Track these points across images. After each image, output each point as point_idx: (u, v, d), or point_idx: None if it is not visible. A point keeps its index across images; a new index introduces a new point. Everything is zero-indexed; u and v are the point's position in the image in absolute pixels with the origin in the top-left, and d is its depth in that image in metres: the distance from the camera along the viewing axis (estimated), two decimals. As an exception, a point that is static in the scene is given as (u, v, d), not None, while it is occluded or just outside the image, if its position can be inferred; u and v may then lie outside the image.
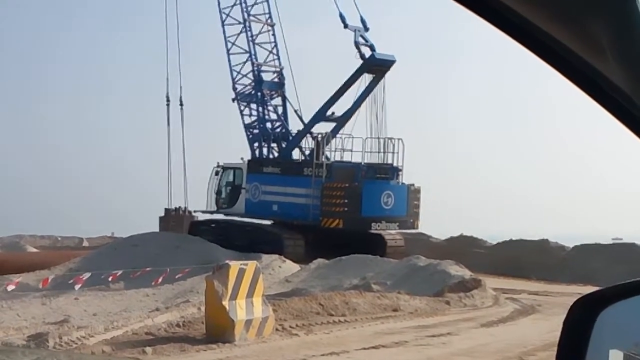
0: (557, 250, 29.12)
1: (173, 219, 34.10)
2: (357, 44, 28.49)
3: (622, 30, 1.16)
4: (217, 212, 31.62)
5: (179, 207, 34.78)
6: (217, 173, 31.61)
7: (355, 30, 28.50)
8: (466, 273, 20.60)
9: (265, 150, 31.05)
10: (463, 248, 29.36)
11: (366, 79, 28.79)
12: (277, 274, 23.20)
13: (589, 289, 1.95)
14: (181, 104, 33.91)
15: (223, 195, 31.49)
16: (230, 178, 31.48)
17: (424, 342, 13.43)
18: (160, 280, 21.32)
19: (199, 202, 32.31)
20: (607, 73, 1.23)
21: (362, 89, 28.82)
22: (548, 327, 14.52)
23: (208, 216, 32.01)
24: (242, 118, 31.16)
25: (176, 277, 21.85)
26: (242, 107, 31.05)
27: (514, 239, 30.50)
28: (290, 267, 24.18)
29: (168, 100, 33.80)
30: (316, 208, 27.74)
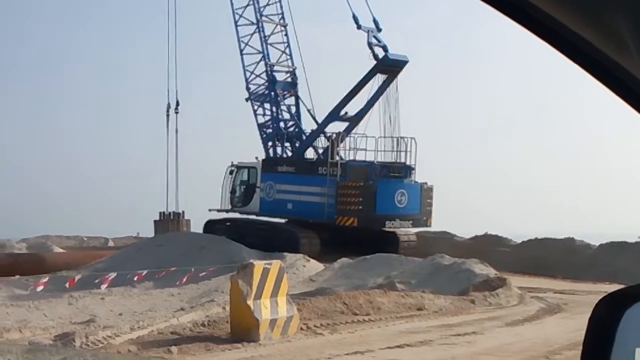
0: (583, 249, 28.88)
1: (164, 223, 34.74)
2: (370, 45, 28.72)
3: None
4: (231, 210, 31.93)
5: (173, 211, 35.42)
6: (231, 172, 31.95)
7: (368, 31, 28.74)
8: (491, 272, 20.52)
9: (279, 150, 31.32)
10: (488, 247, 29.22)
11: (379, 79, 28.94)
12: (301, 274, 23.24)
13: (616, 288, 1.93)
14: (177, 111, 34.63)
15: (237, 194, 31.81)
16: (245, 177, 31.82)
17: (449, 341, 13.39)
18: (185, 279, 21.43)
19: (213, 201, 32.60)
20: (630, 68, 1.22)
21: (376, 89, 29.01)
22: (574, 326, 14.41)
23: (223, 214, 32.26)
24: (256, 118, 31.50)
25: (201, 276, 21.95)
26: (256, 107, 31.38)
27: (539, 237, 30.28)
28: (314, 266, 24.22)
29: (169, 109, 34.69)
30: (331, 206, 27.98)
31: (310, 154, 30.95)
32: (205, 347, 12.02)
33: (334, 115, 29.79)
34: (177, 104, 34.72)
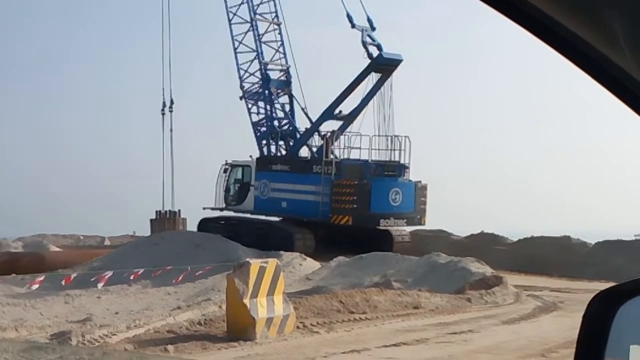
0: (579, 247, 28.91)
1: (161, 221, 34.82)
2: (364, 44, 28.81)
3: (637, 22, 1.16)
4: (225, 209, 32.00)
5: (170, 210, 35.47)
6: (225, 171, 32.01)
7: (362, 30, 28.82)
8: (487, 270, 20.54)
9: (273, 148, 31.41)
10: (484, 245, 29.24)
11: (374, 77, 29.02)
12: (298, 272, 23.24)
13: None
14: (171, 110, 34.72)
15: (232, 192, 31.92)
16: (239, 175, 31.91)
17: (445, 339, 13.40)
18: (181, 278, 21.42)
19: (208, 199, 32.64)
20: (624, 66, 1.23)
21: (370, 87, 29.11)
22: (570, 324, 14.41)
23: (218, 213, 32.32)
24: (250, 116, 31.58)
25: (197, 275, 21.94)
26: (250, 105, 31.46)
27: (535, 235, 30.32)
28: (310, 265, 24.22)
29: (164, 107, 34.75)
30: (325, 205, 28.05)
31: (304, 152, 31.04)
32: (202, 346, 12.01)
33: (329, 113, 29.88)
34: (172, 102, 34.82)
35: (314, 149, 30.32)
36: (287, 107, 31.56)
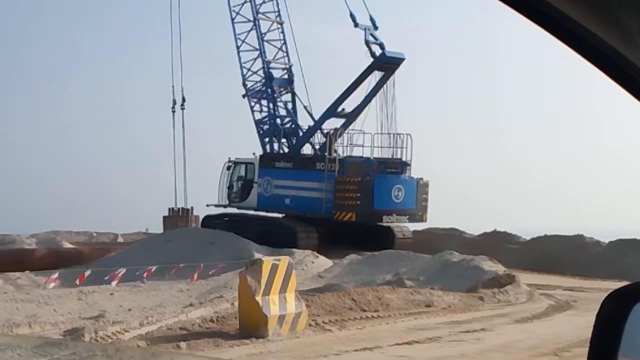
0: (593, 246, 28.81)
1: (173, 218, 34.95)
2: (367, 43, 28.98)
3: None
4: (229, 205, 32.29)
5: (182, 207, 35.59)
6: (228, 168, 32.34)
7: (365, 29, 29.04)
8: (500, 268, 20.50)
9: (275, 146, 31.61)
10: (496, 243, 29.22)
11: (376, 76, 29.19)
12: (310, 270, 23.27)
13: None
14: (182, 107, 34.80)
15: (235, 189, 32.20)
16: (242, 173, 32.24)
17: (458, 338, 13.37)
18: (195, 276, 21.49)
19: (209, 197, 32.79)
20: (637, 61, 1.22)
21: (373, 85, 29.29)
22: (583, 323, 14.35)
23: (221, 210, 32.57)
24: (253, 114, 31.85)
25: (210, 272, 22.00)
26: (253, 104, 31.71)
27: (548, 234, 30.24)
28: (323, 262, 24.24)
29: (174, 105, 34.85)
30: (329, 201, 28.34)
31: (307, 150, 31.34)
32: (214, 343, 12.03)
33: (331, 111, 30.15)
34: (183, 100, 34.86)
35: (317, 147, 30.64)
36: (290, 105, 31.83)
